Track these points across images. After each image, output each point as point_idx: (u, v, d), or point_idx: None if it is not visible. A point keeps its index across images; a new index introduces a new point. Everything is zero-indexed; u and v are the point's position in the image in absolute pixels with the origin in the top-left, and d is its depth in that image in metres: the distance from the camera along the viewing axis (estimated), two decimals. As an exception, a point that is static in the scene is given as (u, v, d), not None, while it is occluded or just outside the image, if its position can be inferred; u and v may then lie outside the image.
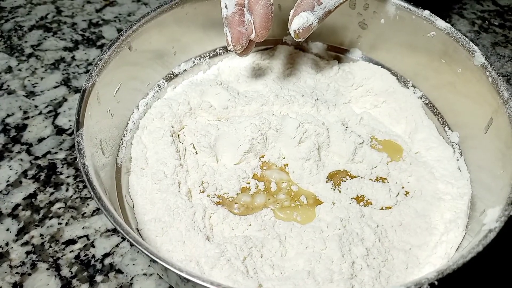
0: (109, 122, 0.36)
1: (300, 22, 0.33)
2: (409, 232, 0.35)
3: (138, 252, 0.38)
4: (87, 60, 0.57)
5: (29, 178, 0.45)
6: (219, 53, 0.45)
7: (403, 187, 0.38)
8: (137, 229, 0.33)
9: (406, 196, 0.37)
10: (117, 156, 0.36)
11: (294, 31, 0.33)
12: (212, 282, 0.25)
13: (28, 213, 0.43)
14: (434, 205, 0.36)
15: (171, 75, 0.42)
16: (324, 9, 0.33)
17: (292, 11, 0.33)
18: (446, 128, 0.41)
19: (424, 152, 0.40)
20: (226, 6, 0.34)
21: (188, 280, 0.25)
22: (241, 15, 0.34)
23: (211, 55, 0.45)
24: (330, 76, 0.44)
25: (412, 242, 0.35)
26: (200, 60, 0.44)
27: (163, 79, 0.41)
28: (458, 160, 0.39)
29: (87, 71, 0.53)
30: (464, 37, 0.37)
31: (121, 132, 0.37)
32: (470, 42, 0.36)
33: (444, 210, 0.36)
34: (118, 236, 0.40)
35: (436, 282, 0.26)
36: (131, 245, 0.26)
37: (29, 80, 0.54)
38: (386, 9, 0.40)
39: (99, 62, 0.34)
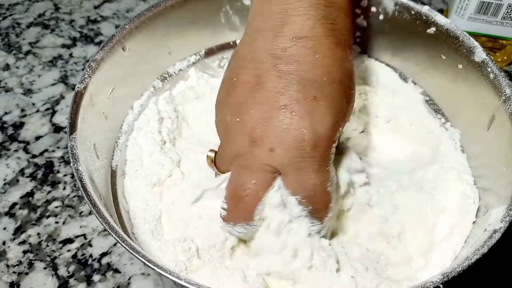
0: (103, 124, 0.35)
1: None
2: (416, 228, 0.35)
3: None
4: (85, 57, 0.57)
5: (26, 177, 0.45)
6: (215, 51, 0.44)
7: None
8: (133, 233, 0.33)
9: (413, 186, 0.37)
10: (112, 159, 0.36)
11: None
12: None
13: (25, 212, 0.42)
14: (443, 197, 0.36)
15: (166, 75, 0.41)
16: None
17: None
18: (448, 125, 0.40)
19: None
20: None
21: (182, 286, 0.24)
22: None
23: (206, 53, 0.44)
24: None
25: (418, 239, 0.34)
26: (196, 59, 0.43)
27: (158, 79, 0.41)
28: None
29: (83, 69, 0.53)
30: (465, 33, 0.36)
31: (115, 135, 0.37)
32: (471, 38, 0.36)
33: (452, 204, 0.35)
34: (117, 242, 0.40)
35: (441, 286, 0.25)
36: (132, 254, 0.26)
37: (26, 78, 0.54)
38: (384, 5, 0.39)
39: (92, 64, 0.34)
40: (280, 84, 0.29)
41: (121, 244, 0.26)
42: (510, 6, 0.48)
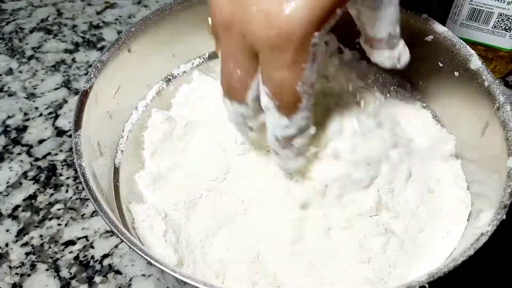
0: (108, 123, 0.36)
1: None
2: (409, 231, 0.35)
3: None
4: (88, 62, 0.57)
5: (29, 179, 0.46)
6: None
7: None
8: (133, 227, 0.34)
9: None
10: (115, 157, 0.37)
11: None
12: (212, 285, 0.24)
13: (28, 214, 0.43)
14: (436, 202, 0.36)
15: (170, 77, 0.42)
16: None
17: None
18: (444, 131, 0.41)
19: (425, 151, 0.40)
20: None
21: (185, 283, 0.25)
22: None
23: (210, 56, 0.45)
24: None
25: (410, 242, 0.35)
26: (199, 61, 0.44)
27: (162, 80, 0.42)
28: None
29: (87, 73, 0.54)
30: (461, 41, 0.37)
31: (119, 133, 0.38)
32: (467, 46, 0.37)
33: (446, 209, 0.36)
34: (117, 237, 0.40)
35: (427, 285, 0.26)
36: (129, 247, 0.27)
37: (29, 82, 0.55)
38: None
39: (98, 64, 0.35)
40: None
41: (121, 239, 0.27)
42: (500, 15, 0.49)
